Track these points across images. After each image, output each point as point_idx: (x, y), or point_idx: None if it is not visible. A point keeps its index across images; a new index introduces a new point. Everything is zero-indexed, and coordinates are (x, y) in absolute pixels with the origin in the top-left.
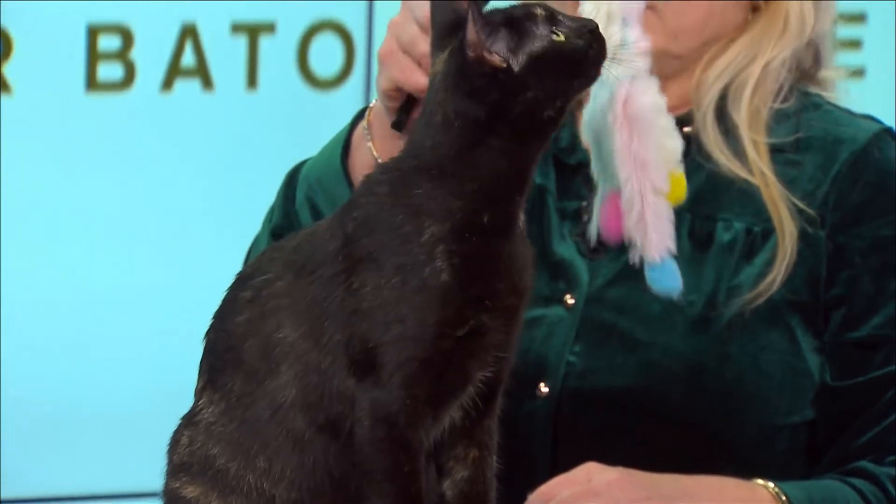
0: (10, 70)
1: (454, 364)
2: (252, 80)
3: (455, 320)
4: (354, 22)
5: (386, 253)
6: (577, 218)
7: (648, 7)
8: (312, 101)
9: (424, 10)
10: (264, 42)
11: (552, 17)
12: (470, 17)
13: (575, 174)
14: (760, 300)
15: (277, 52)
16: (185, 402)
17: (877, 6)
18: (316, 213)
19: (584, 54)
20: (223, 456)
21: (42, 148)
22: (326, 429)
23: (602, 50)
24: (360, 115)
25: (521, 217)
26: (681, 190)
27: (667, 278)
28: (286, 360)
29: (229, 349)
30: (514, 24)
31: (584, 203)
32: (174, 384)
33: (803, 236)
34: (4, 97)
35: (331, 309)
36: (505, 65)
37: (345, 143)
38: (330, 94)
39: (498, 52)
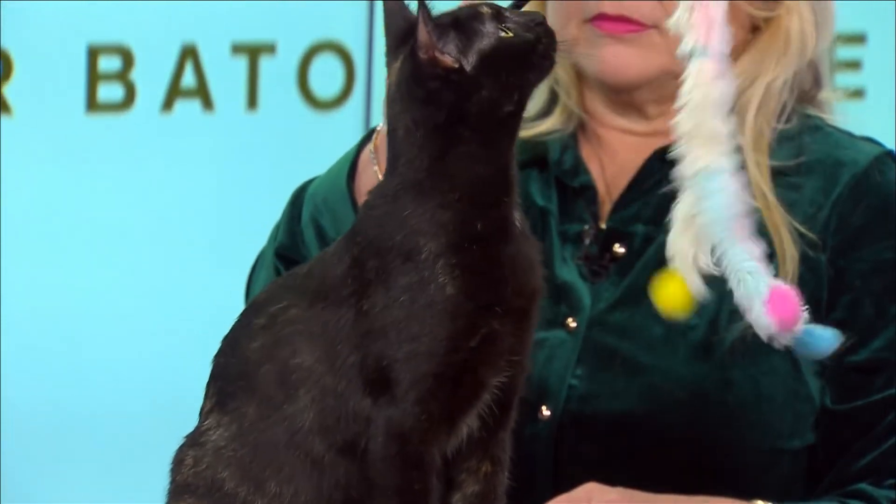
0: (11, 91)
1: (468, 374)
2: (252, 101)
3: (466, 331)
4: (355, 43)
5: (392, 273)
6: (579, 241)
7: (652, 27)
8: (313, 122)
9: None
10: (264, 63)
11: (499, 15)
12: (420, 17)
13: (577, 197)
14: None
15: (278, 73)
16: (185, 409)
17: (877, 27)
18: (321, 234)
19: (533, 47)
20: (232, 479)
21: (43, 169)
22: (345, 451)
23: (552, 41)
24: (367, 138)
25: (518, 216)
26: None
27: (820, 340)
28: (304, 385)
29: (242, 375)
30: (462, 24)
31: (587, 227)
32: (172, 398)
33: (804, 260)
34: (5, 118)
35: (344, 331)
36: (457, 65)
37: (351, 165)
38: (330, 115)
39: (449, 53)
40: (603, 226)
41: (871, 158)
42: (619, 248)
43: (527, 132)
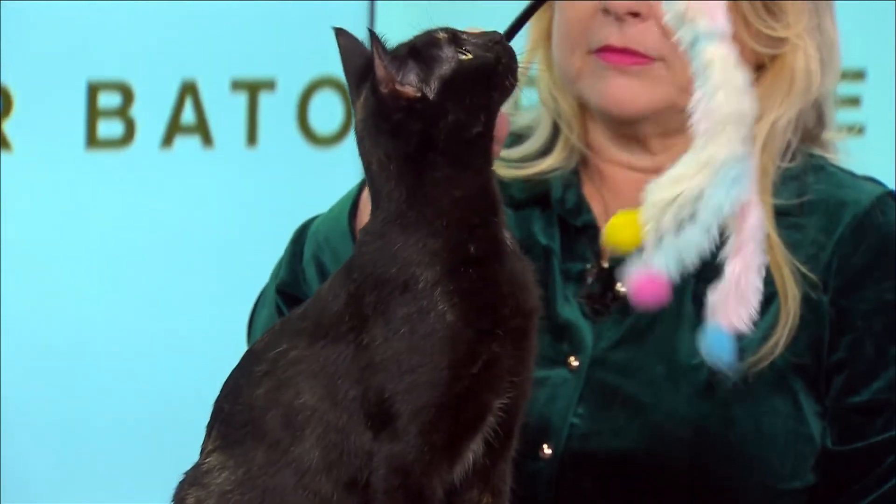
0: (11, 127)
1: (471, 401)
2: (252, 137)
3: (467, 358)
4: None
5: (391, 305)
6: (581, 280)
7: (658, 59)
8: (312, 158)
9: None
10: (264, 99)
11: (455, 38)
12: (375, 53)
13: (579, 235)
14: (763, 364)
15: (277, 109)
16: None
17: (876, 63)
18: (322, 272)
19: (494, 67)
20: None
21: (43, 205)
22: (350, 486)
23: (512, 59)
24: None
25: (508, 235)
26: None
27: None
28: (309, 425)
29: (249, 422)
30: (420, 52)
31: (589, 265)
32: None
33: (806, 300)
34: (4, 154)
35: (344, 367)
36: (419, 94)
37: (353, 204)
38: (330, 151)
39: (410, 84)
40: (605, 264)
41: (873, 198)
42: (621, 288)
43: (528, 170)
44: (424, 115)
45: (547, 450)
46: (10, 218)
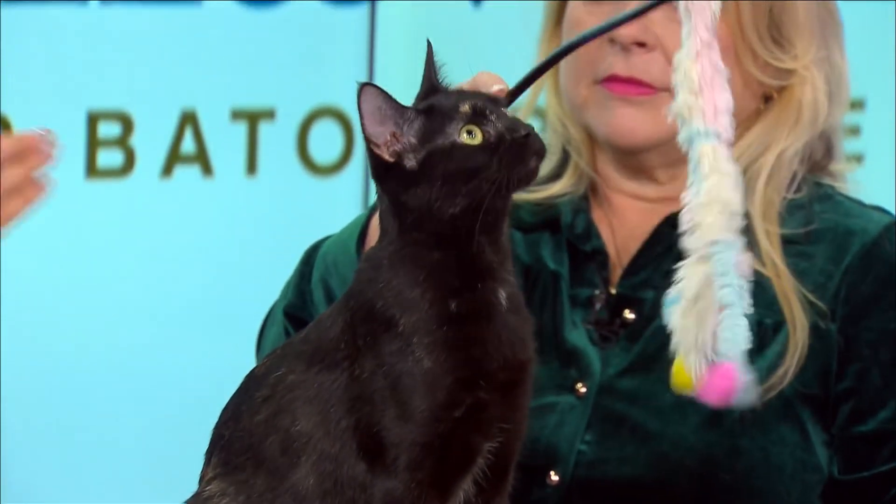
0: None
1: (457, 442)
2: (252, 167)
3: (448, 403)
4: (354, 108)
5: (379, 340)
6: (589, 306)
7: (663, 90)
8: (312, 187)
9: None
10: (264, 128)
11: (479, 114)
12: (360, 108)
13: (588, 261)
14: (772, 393)
15: (277, 139)
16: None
17: (876, 93)
18: (329, 295)
19: (482, 166)
20: None
21: (42, 234)
22: None
23: (514, 165)
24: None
25: (504, 294)
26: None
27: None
28: (304, 452)
29: (248, 448)
30: (434, 115)
31: (597, 291)
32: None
33: (814, 330)
34: None
35: (337, 395)
36: (393, 160)
37: (362, 230)
38: (330, 180)
39: (405, 142)
40: (613, 291)
41: (882, 228)
42: (629, 315)
43: (538, 194)
44: (399, 178)
45: (554, 476)
46: (9, 247)
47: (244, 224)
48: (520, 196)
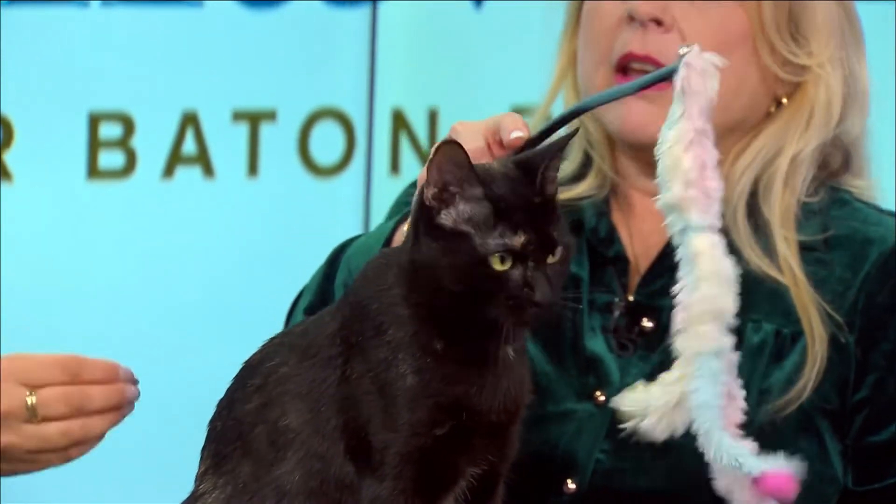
0: (11, 157)
1: (440, 458)
2: (253, 168)
3: (428, 421)
4: (355, 109)
5: (369, 343)
6: (608, 311)
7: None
8: (313, 189)
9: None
10: (265, 129)
11: (522, 257)
12: (430, 161)
13: (608, 265)
14: (791, 408)
15: (278, 140)
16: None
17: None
18: None
19: (486, 293)
20: None
21: (43, 235)
22: None
23: (508, 314)
24: (406, 215)
25: (510, 349)
26: None
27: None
28: (291, 447)
29: (238, 437)
30: (495, 211)
31: (616, 299)
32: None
33: (833, 342)
34: (5, 184)
35: (328, 393)
36: (429, 204)
37: (388, 238)
38: (331, 182)
39: (454, 205)
40: (631, 298)
41: None
42: (647, 323)
43: (561, 195)
44: (427, 220)
45: (571, 485)
46: (10, 248)
47: (245, 225)
48: None
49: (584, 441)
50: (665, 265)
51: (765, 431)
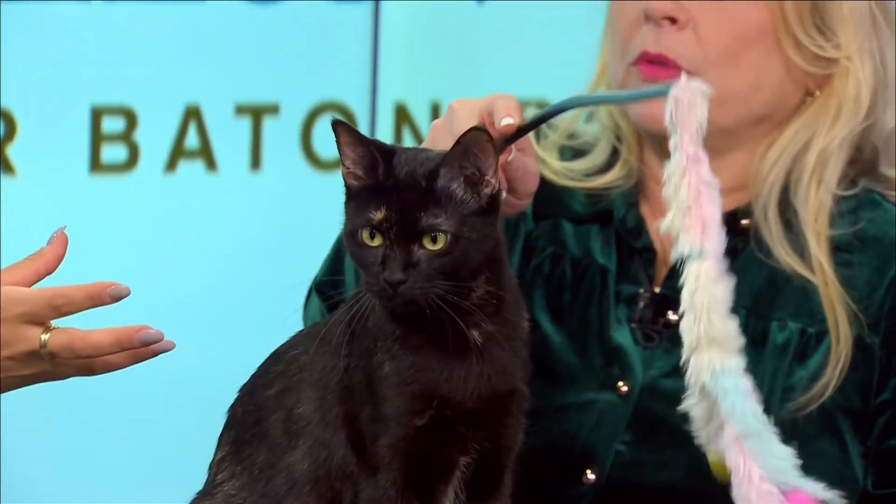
0: (14, 151)
1: (427, 449)
2: (256, 162)
3: (409, 411)
4: (358, 103)
5: (361, 332)
6: (634, 303)
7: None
8: (316, 182)
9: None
10: (268, 123)
11: (384, 231)
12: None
13: (635, 257)
14: (813, 405)
15: (281, 134)
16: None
17: None
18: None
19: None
20: None
21: (46, 229)
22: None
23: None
24: None
25: (475, 333)
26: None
27: None
28: (302, 435)
29: (256, 422)
30: (374, 186)
31: (642, 290)
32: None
33: (858, 342)
34: (8, 178)
35: (334, 381)
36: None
37: None
38: (333, 175)
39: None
40: (657, 290)
41: None
42: (672, 316)
43: (589, 183)
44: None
45: (590, 475)
46: (13, 241)
47: (248, 219)
48: (573, 183)
49: (604, 432)
50: None
51: (786, 429)
